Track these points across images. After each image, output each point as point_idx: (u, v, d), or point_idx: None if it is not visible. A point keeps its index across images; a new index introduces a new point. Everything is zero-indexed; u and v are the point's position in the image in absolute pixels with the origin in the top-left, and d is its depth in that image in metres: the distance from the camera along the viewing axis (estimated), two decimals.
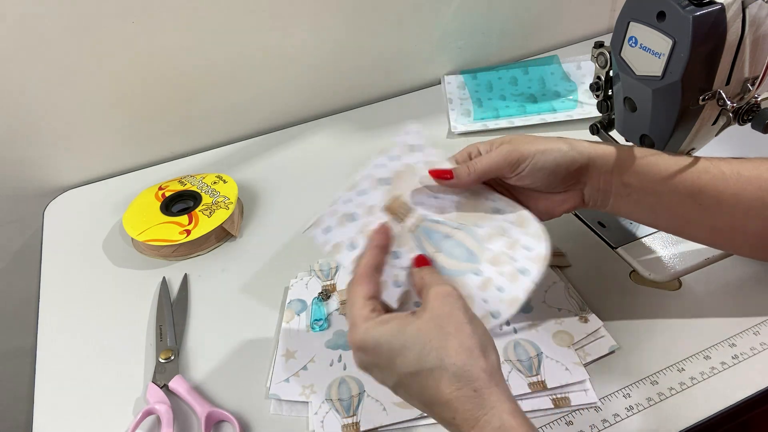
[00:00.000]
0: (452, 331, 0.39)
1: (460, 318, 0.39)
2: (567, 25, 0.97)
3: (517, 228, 0.49)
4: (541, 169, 0.48)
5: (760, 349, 0.52)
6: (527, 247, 0.47)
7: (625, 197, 0.50)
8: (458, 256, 0.48)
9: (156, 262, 0.68)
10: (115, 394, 0.55)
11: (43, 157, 0.77)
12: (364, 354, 0.41)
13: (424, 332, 0.39)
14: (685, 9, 0.45)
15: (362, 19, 0.82)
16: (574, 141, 0.50)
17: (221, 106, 0.82)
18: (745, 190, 0.48)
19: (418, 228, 0.49)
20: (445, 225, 0.49)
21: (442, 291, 0.41)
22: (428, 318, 0.40)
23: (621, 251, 0.62)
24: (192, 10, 0.72)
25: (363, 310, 0.41)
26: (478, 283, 0.46)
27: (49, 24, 0.67)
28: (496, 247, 0.48)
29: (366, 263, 0.45)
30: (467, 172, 0.49)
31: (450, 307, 0.40)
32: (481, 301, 0.45)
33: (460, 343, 0.38)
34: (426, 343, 0.38)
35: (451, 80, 0.91)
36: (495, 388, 0.37)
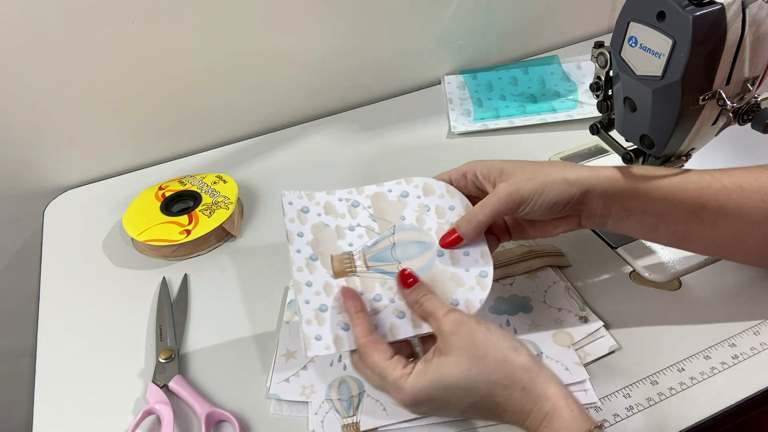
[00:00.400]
0: (482, 353, 0.41)
1: (481, 338, 0.42)
2: (567, 25, 0.97)
3: (430, 197, 0.52)
4: (540, 208, 0.48)
5: (760, 349, 0.52)
6: (451, 207, 0.51)
7: (625, 219, 0.50)
8: (414, 253, 0.50)
9: (156, 262, 0.68)
10: (115, 394, 0.55)
11: (43, 157, 0.77)
12: (420, 407, 0.43)
13: (461, 368, 0.41)
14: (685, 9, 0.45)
15: (362, 19, 0.82)
16: (572, 170, 0.50)
17: (221, 106, 0.82)
18: (747, 203, 0.48)
19: (368, 263, 0.50)
20: (382, 240, 0.50)
21: (454, 320, 0.43)
22: (457, 353, 0.42)
23: (621, 251, 0.62)
24: (192, 11, 0.72)
25: (395, 372, 0.43)
26: (447, 260, 0.49)
27: (49, 24, 0.67)
28: (431, 223, 0.51)
29: (361, 332, 0.45)
30: (469, 227, 0.49)
31: (468, 332, 0.42)
32: (463, 271, 0.48)
33: (494, 359, 0.41)
34: (467, 377, 0.41)
35: (451, 80, 0.91)
36: (538, 378, 0.41)
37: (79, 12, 0.67)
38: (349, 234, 0.51)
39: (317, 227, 0.51)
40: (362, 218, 0.51)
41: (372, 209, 0.52)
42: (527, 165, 0.50)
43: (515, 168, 0.49)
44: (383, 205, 0.52)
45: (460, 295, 0.48)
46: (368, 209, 0.52)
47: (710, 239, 0.50)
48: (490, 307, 0.57)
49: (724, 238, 0.50)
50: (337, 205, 0.52)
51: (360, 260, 0.49)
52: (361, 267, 0.49)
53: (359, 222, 0.51)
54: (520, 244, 0.63)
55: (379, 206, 0.52)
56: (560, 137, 0.79)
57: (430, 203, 0.52)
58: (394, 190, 0.53)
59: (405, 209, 0.52)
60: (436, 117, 0.85)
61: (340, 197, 0.52)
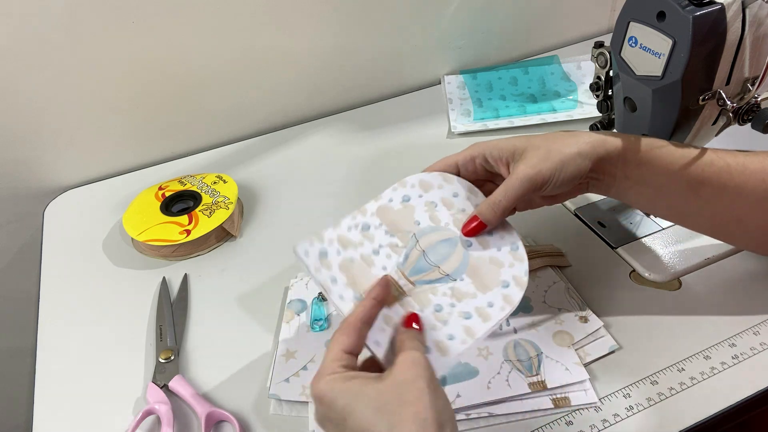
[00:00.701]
0: (410, 400, 0.37)
1: (421, 386, 0.37)
2: (567, 25, 0.97)
3: (430, 192, 0.51)
4: (560, 185, 0.48)
5: (760, 349, 0.52)
6: (454, 194, 0.51)
7: (629, 188, 0.50)
8: (446, 252, 0.49)
9: (156, 262, 0.68)
10: (115, 394, 0.55)
11: (43, 157, 0.77)
12: (320, 405, 0.39)
13: (381, 396, 0.37)
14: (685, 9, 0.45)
15: (362, 19, 0.82)
16: (583, 141, 0.49)
17: (221, 106, 0.82)
18: (748, 183, 0.47)
19: (410, 279, 0.48)
20: (411, 252, 0.49)
21: (410, 357, 0.40)
22: (390, 383, 0.38)
23: (621, 251, 0.62)
24: (192, 11, 0.72)
25: (334, 363, 0.40)
26: (478, 246, 0.49)
27: (49, 24, 0.67)
28: (445, 218, 0.50)
29: (357, 314, 0.43)
30: (494, 214, 0.48)
31: (414, 374, 0.38)
32: (496, 251, 0.49)
33: (415, 414, 0.36)
34: (379, 409, 0.37)
35: (451, 80, 0.91)
36: None
37: (79, 12, 0.67)
38: (377, 259, 0.48)
39: (345, 265, 0.48)
40: (380, 238, 0.50)
41: (385, 225, 0.50)
42: (538, 141, 0.49)
43: (527, 146, 0.48)
44: (393, 217, 0.51)
45: (507, 275, 0.48)
46: (381, 227, 0.50)
47: (709, 216, 0.50)
48: None
49: (723, 216, 0.50)
50: (350, 236, 0.50)
51: (402, 279, 0.48)
52: (407, 285, 0.47)
53: (380, 243, 0.49)
54: None
55: (390, 219, 0.51)
56: None
57: (434, 198, 0.51)
58: (395, 197, 0.52)
59: (415, 213, 0.51)
60: (436, 117, 0.85)
61: (348, 226, 0.50)
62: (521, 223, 0.65)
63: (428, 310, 0.46)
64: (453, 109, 0.86)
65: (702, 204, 0.49)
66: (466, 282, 0.47)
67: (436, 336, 0.45)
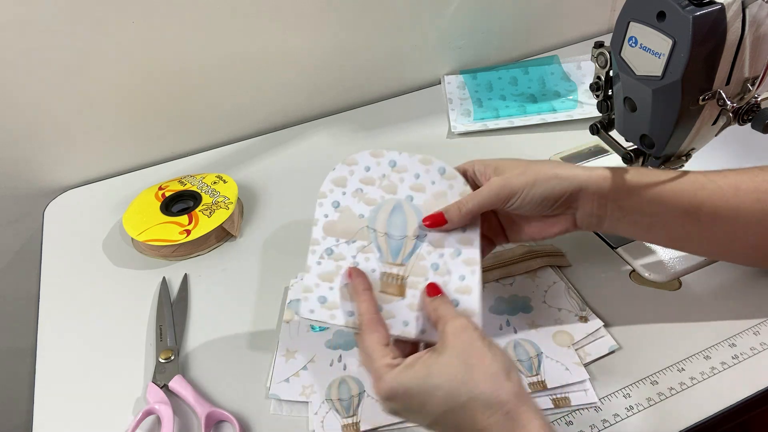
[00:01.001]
0: (476, 362, 0.40)
1: (479, 347, 0.41)
2: (567, 25, 0.97)
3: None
4: (530, 202, 0.48)
5: (760, 349, 0.52)
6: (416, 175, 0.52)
7: (621, 219, 0.50)
8: (401, 222, 0.50)
9: (156, 262, 0.68)
10: (115, 394, 0.55)
11: (43, 157, 0.77)
12: (395, 402, 0.41)
13: (449, 370, 0.40)
14: (685, 9, 0.45)
15: (362, 19, 0.82)
16: (566, 168, 0.50)
17: (221, 106, 0.82)
18: (743, 204, 0.48)
19: (401, 264, 0.49)
20: (379, 244, 0.50)
21: (459, 325, 0.42)
22: (450, 354, 0.40)
23: (621, 251, 0.62)
24: (192, 11, 0.72)
25: (385, 359, 0.42)
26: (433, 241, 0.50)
27: (49, 24, 0.67)
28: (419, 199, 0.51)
29: (367, 309, 0.45)
30: (458, 214, 0.49)
31: (468, 338, 0.41)
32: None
33: (485, 372, 0.39)
34: (453, 380, 0.39)
35: (451, 80, 0.91)
36: (524, 407, 0.38)
37: (79, 12, 0.67)
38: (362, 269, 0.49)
39: (344, 293, 0.48)
40: (347, 250, 0.49)
41: (341, 238, 0.50)
42: (521, 162, 0.50)
43: (509, 165, 0.50)
44: (340, 227, 0.51)
45: (452, 197, 0.50)
46: (340, 242, 0.50)
47: (706, 240, 0.51)
48: (490, 307, 0.57)
49: (719, 238, 0.50)
50: (325, 268, 0.49)
51: (393, 268, 0.49)
52: (400, 269, 0.48)
53: (351, 255, 0.49)
54: (520, 244, 0.63)
55: (339, 230, 0.51)
56: (560, 137, 0.79)
57: (354, 185, 0.52)
58: (327, 211, 0.52)
59: (352, 210, 0.51)
60: (436, 117, 0.85)
61: (316, 262, 0.49)
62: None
63: (430, 274, 0.48)
64: (453, 109, 0.86)
65: (698, 228, 0.49)
66: (432, 230, 0.49)
67: (452, 287, 0.47)
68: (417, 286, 0.48)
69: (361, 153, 0.52)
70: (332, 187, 0.52)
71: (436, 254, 0.49)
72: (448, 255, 0.49)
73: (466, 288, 0.47)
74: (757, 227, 0.48)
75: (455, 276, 0.48)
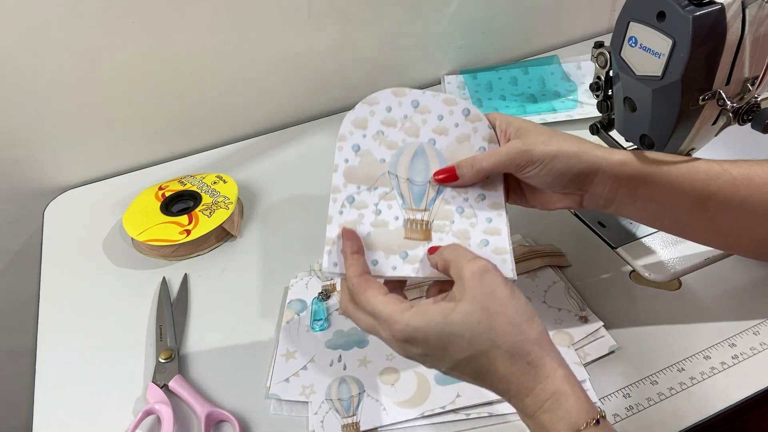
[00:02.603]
0: (498, 310, 0.38)
1: (502, 294, 0.39)
2: (567, 25, 0.97)
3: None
4: (546, 175, 0.47)
5: (760, 349, 0.52)
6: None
7: (630, 204, 0.49)
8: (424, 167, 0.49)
9: (156, 262, 0.68)
10: (115, 394, 0.55)
11: (43, 157, 0.77)
12: (413, 346, 0.39)
13: (471, 316, 0.38)
14: (685, 9, 0.45)
15: (362, 19, 0.82)
16: (588, 147, 0.48)
17: (221, 106, 0.82)
18: (754, 195, 0.47)
19: (420, 209, 0.48)
20: (402, 189, 0.49)
21: (478, 268, 0.40)
22: (471, 300, 0.39)
23: (621, 251, 0.62)
24: (192, 11, 0.72)
25: (392, 305, 0.40)
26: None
27: (49, 24, 0.67)
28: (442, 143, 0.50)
29: (354, 272, 0.43)
30: (470, 171, 0.48)
31: (490, 284, 0.39)
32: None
33: (508, 320, 0.38)
34: (475, 326, 0.38)
35: (451, 80, 0.91)
36: (547, 357, 0.38)
37: (79, 12, 0.67)
38: (385, 216, 0.47)
39: (368, 242, 0.47)
40: (369, 198, 0.48)
41: (362, 185, 0.48)
42: (544, 129, 0.48)
43: (533, 129, 0.48)
44: (361, 173, 0.49)
45: (476, 142, 0.49)
46: (361, 189, 0.48)
47: (714, 230, 0.50)
48: None
49: (728, 229, 0.49)
50: (347, 217, 0.47)
51: (417, 214, 0.47)
52: (423, 214, 0.47)
53: (373, 202, 0.48)
54: (520, 244, 0.63)
55: (360, 176, 0.49)
56: None
57: (374, 128, 0.50)
58: (347, 155, 0.49)
59: (373, 154, 0.49)
60: None
61: (338, 211, 0.48)
62: (522, 224, 0.65)
63: (456, 217, 0.47)
64: None
65: (708, 218, 0.49)
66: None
67: (480, 228, 0.47)
68: (443, 229, 0.47)
69: (383, 92, 0.50)
70: (352, 129, 0.49)
71: (460, 198, 0.48)
72: (473, 199, 0.48)
73: (494, 229, 0.47)
74: (766, 220, 0.48)
75: (482, 218, 0.47)
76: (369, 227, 0.47)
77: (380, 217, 0.47)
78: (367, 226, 0.47)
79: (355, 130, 0.50)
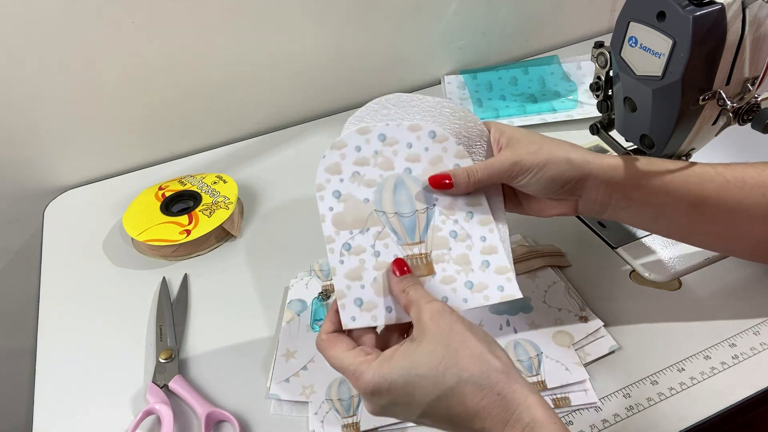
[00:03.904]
0: (459, 344, 0.38)
1: (460, 330, 0.39)
2: (567, 25, 0.97)
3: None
4: (537, 182, 0.48)
5: (760, 349, 0.52)
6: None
7: (625, 209, 0.50)
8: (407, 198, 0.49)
9: (156, 262, 0.68)
10: (115, 394, 0.55)
11: (43, 157, 0.77)
12: (380, 397, 0.39)
13: (433, 355, 0.38)
14: (685, 9, 0.45)
15: (362, 19, 0.82)
16: (579, 153, 0.49)
17: (221, 106, 0.82)
18: (748, 198, 0.47)
19: (420, 241, 0.48)
20: (395, 224, 0.48)
21: (436, 308, 0.41)
22: (431, 340, 0.39)
23: (621, 251, 0.62)
24: (192, 11, 0.72)
25: (357, 358, 0.40)
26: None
27: (49, 24, 0.67)
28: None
29: (324, 330, 0.44)
30: (466, 181, 0.48)
31: (448, 321, 0.40)
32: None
33: (471, 353, 0.38)
34: (438, 364, 0.38)
35: (451, 80, 0.91)
36: (516, 385, 0.37)
37: (80, 12, 0.67)
38: (383, 257, 0.47)
39: (376, 288, 0.46)
40: (365, 241, 0.47)
41: (354, 230, 0.48)
42: (536, 138, 0.49)
43: (524, 138, 0.49)
44: (350, 218, 0.48)
45: (450, 162, 0.49)
46: (354, 234, 0.47)
47: (710, 233, 0.50)
48: (490, 307, 0.57)
49: (724, 232, 0.50)
50: (349, 266, 0.46)
51: (414, 248, 0.47)
52: (420, 246, 0.47)
53: (369, 244, 0.47)
54: (520, 244, 0.63)
55: (350, 221, 0.48)
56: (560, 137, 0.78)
57: (348, 170, 0.49)
58: (330, 203, 0.49)
59: (356, 195, 0.49)
60: None
61: (338, 261, 0.47)
62: (522, 224, 0.65)
63: (452, 243, 0.47)
64: None
65: (703, 221, 0.49)
66: (438, 198, 0.49)
67: (477, 249, 0.47)
68: (443, 259, 0.47)
69: (348, 133, 0.50)
70: (328, 177, 0.50)
71: (450, 221, 0.48)
72: (462, 219, 0.48)
73: (491, 248, 0.47)
74: (762, 222, 0.48)
75: (476, 238, 0.48)
76: (374, 272, 0.46)
77: (380, 259, 0.47)
78: (371, 272, 0.46)
79: (331, 176, 0.49)
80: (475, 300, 0.46)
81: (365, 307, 0.45)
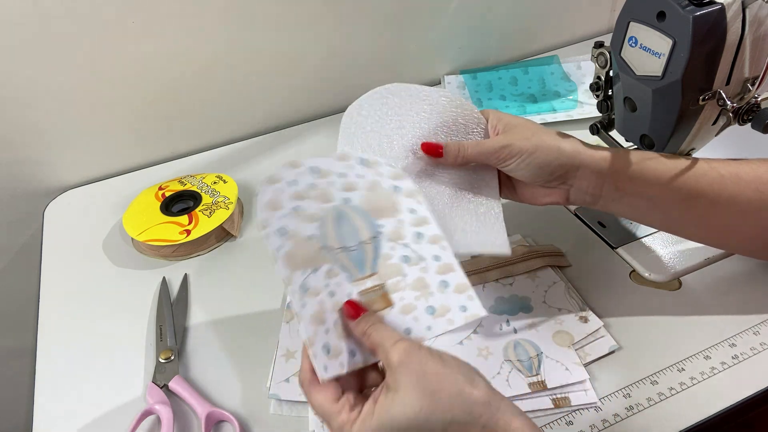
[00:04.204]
0: (436, 387, 0.37)
1: (433, 369, 0.38)
2: (567, 25, 0.97)
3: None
4: (526, 168, 0.49)
5: (760, 349, 0.52)
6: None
7: (617, 200, 0.50)
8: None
9: (156, 262, 0.68)
10: (115, 394, 0.55)
11: (43, 157, 0.77)
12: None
13: (411, 406, 0.36)
14: (685, 9, 0.45)
15: (362, 19, 0.82)
16: (570, 143, 0.50)
17: (221, 106, 0.82)
18: (742, 193, 0.48)
19: (372, 273, 0.45)
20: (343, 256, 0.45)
21: (403, 349, 0.38)
22: (406, 387, 0.37)
23: (621, 251, 0.62)
24: (192, 11, 0.72)
25: (341, 416, 0.39)
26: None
27: (49, 25, 0.67)
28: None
29: (304, 367, 0.41)
30: (455, 154, 0.50)
31: (419, 363, 0.38)
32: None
33: (449, 393, 0.37)
34: (419, 414, 0.36)
35: (451, 80, 0.91)
36: (497, 413, 0.37)
37: (80, 12, 0.67)
38: (339, 297, 0.44)
39: (339, 333, 0.43)
40: (318, 282, 0.44)
41: (305, 273, 0.44)
42: (531, 125, 0.51)
43: (519, 126, 0.51)
44: (298, 259, 0.45)
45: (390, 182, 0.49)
46: (305, 276, 0.44)
47: (703, 227, 0.51)
48: (490, 307, 0.57)
49: (717, 226, 0.50)
50: (303, 315, 0.43)
51: (367, 282, 0.44)
52: (373, 279, 0.44)
53: (323, 285, 0.44)
54: (520, 244, 0.63)
55: (298, 262, 0.45)
56: None
57: (280, 224, 0.45)
58: (275, 245, 0.45)
59: (299, 235, 0.45)
60: None
61: (296, 315, 0.43)
62: (522, 224, 0.65)
63: (406, 269, 0.45)
64: None
65: (697, 215, 0.49)
66: (383, 224, 0.46)
67: (433, 271, 0.45)
68: (399, 286, 0.44)
69: (279, 168, 0.47)
70: (269, 213, 0.45)
71: (399, 247, 0.46)
72: (411, 241, 0.46)
73: (446, 267, 0.45)
74: (756, 217, 0.48)
75: (429, 259, 0.45)
76: (333, 314, 0.43)
77: (336, 299, 0.43)
78: (331, 314, 0.43)
79: (272, 212, 0.45)
80: (440, 326, 0.43)
81: (332, 353, 0.42)
